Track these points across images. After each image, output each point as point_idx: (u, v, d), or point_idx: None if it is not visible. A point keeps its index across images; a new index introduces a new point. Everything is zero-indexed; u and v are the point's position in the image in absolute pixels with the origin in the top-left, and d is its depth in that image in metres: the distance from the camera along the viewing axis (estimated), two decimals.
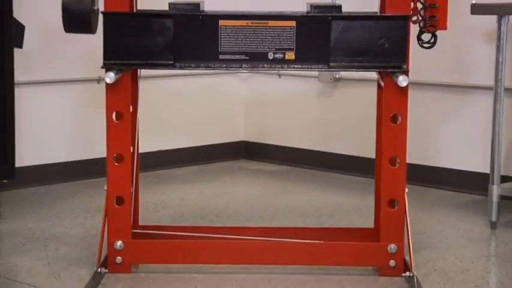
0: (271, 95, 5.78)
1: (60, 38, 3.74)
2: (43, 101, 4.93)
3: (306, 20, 3.23)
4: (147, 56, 3.22)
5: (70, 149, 5.06)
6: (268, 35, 3.23)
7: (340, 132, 5.46)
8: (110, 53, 3.20)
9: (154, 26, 3.21)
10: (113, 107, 3.23)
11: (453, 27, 3.45)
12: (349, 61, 3.24)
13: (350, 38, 3.22)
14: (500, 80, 4.10)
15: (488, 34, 4.67)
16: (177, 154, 5.57)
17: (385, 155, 3.27)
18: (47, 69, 4.92)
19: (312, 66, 3.26)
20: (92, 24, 3.19)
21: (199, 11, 3.25)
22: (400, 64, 3.20)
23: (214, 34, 3.22)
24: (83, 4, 3.15)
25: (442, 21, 3.26)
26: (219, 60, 3.23)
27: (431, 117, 5.03)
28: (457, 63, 4.92)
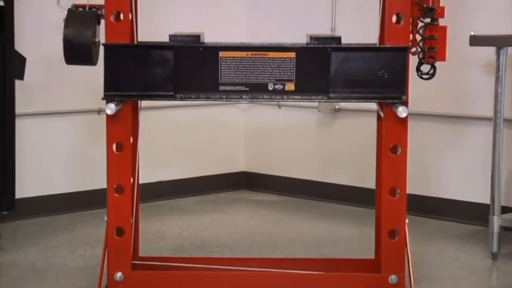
0: (271, 126, 5.79)
1: (61, 69, 3.76)
2: (44, 132, 4.94)
3: (305, 51, 3.25)
4: (147, 87, 3.23)
5: (70, 180, 5.06)
6: (268, 66, 3.24)
7: (340, 162, 5.46)
8: (111, 84, 3.21)
9: (155, 58, 3.22)
10: (114, 138, 3.24)
11: (452, 59, 3.46)
12: (349, 92, 3.25)
13: (350, 69, 3.23)
14: (500, 110, 4.11)
15: (487, 65, 4.69)
16: (177, 185, 5.57)
17: (385, 185, 3.27)
18: (47, 100, 4.94)
19: (311, 97, 3.27)
20: (93, 56, 3.21)
21: (200, 42, 3.27)
22: (399, 95, 3.21)
23: (214, 65, 3.23)
24: (84, 36, 3.17)
25: (441, 53, 3.27)
26: (219, 91, 3.25)
27: (431, 148, 5.04)
28: (456, 94, 4.94)
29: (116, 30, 3.20)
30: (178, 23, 5.13)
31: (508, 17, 4.72)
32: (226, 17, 5.70)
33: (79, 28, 3.17)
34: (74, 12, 3.23)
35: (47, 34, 4.68)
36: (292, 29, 5.44)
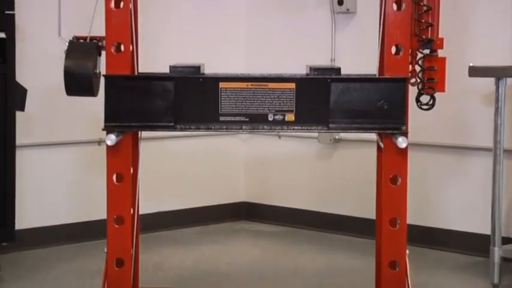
0: (271, 156, 5.80)
1: (61, 100, 3.77)
2: (44, 163, 4.94)
3: (305, 82, 3.26)
4: (148, 118, 3.24)
5: (70, 211, 5.06)
6: (268, 97, 3.25)
7: (341, 192, 5.46)
8: (111, 115, 3.22)
9: (155, 89, 3.23)
10: (114, 169, 3.24)
11: (451, 89, 3.47)
12: (349, 122, 3.25)
13: (349, 99, 3.24)
14: (499, 141, 4.11)
15: (486, 96, 4.71)
16: (177, 215, 5.56)
17: (385, 216, 3.26)
18: (48, 131, 4.95)
19: (311, 127, 3.27)
20: (94, 87, 3.22)
21: (200, 73, 3.28)
22: (399, 125, 3.21)
23: (214, 96, 3.24)
24: (85, 68, 3.18)
25: (440, 84, 3.28)
26: (220, 121, 3.25)
27: (431, 178, 5.04)
28: (456, 125, 4.94)
29: (117, 61, 3.21)
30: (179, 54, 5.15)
31: (507, 48, 4.74)
32: (226, 47, 5.72)
33: (80, 59, 3.18)
34: (75, 43, 3.24)
35: (48, 65, 4.69)
36: (292, 59, 5.45)
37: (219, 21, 5.74)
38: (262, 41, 5.78)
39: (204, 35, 5.61)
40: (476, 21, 4.85)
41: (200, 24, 5.61)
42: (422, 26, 3.25)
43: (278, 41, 5.71)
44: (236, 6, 5.82)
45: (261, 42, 5.78)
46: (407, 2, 3.21)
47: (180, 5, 5.54)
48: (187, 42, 5.49)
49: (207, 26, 5.64)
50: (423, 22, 3.25)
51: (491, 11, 4.81)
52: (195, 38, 5.55)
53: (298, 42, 5.60)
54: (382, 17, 3.24)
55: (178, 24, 5.53)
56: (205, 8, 5.64)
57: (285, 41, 5.68)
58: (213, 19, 5.69)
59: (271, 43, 5.74)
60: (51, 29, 3.37)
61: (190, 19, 5.58)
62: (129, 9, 3.21)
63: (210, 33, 5.66)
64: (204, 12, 5.64)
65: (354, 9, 5.37)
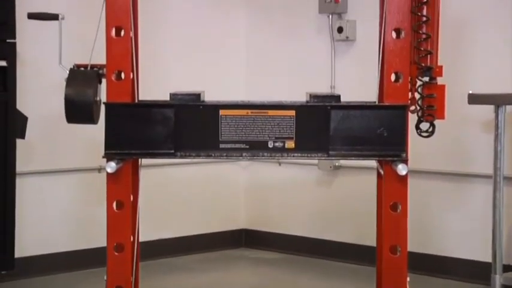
0: (271, 183, 5.79)
1: (61, 128, 3.77)
2: (44, 191, 4.94)
3: (305, 109, 3.26)
4: (148, 145, 3.24)
5: (70, 239, 5.05)
6: (268, 124, 3.26)
7: (341, 220, 5.45)
8: (112, 142, 3.22)
9: (156, 116, 3.24)
10: (114, 196, 3.24)
11: (451, 117, 3.48)
12: (349, 149, 3.25)
13: (349, 126, 3.24)
14: (499, 168, 4.12)
15: (486, 123, 4.72)
16: (177, 243, 5.55)
17: (385, 243, 3.25)
18: (48, 159, 4.95)
19: (311, 154, 3.27)
20: (94, 115, 3.22)
21: (200, 101, 3.29)
22: (399, 153, 3.22)
23: (214, 123, 3.25)
24: (86, 95, 3.19)
25: (439, 111, 3.29)
26: (220, 149, 3.25)
27: (432, 205, 5.03)
28: (456, 152, 4.95)
29: (117, 89, 3.22)
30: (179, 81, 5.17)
31: (506, 76, 4.75)
32: (226, 75, 5.75)
33: (80, 87, 3.19)
34: (76, 71, 3.25)
35: (48, 93, 4.71)
36: (292, 86, 5.48)
37: (219, 48, 5.76)
38: (262, 67, 5.80)
39: (204, 63, 5.63)
40: (475, 48, 4.87)
41: (200, 51, 5.64)
42: (422, 53, 3.27)
43: (278, 68, 5.73)
44: (236, 33, 5.84)
45: (261, 69, 5.80)
46: (406, 30, 3.22)
47: (181, 33, 5.56)
48: (188, 70, 5.51)
49: (207, 54, 5.67)
50: (422, 50, 3.26)
51: (491, 38, 4.84)
52: (195, 65, 5.57)
53: (298, 69, 5.62)
54: (382, 45, 3.25)
55: (179, 51, 5.55)
56: (205, 36, 5.66)
57: (284, 68, 5.70)
58: (213, 47, 5.72)
59: (271, 70, 5.76)
60: (52, 56, 3.38)
61: (190, 46, 5.61)
62: (129, 38, 3.23)
63: (210, 60, 5.68)
64: (204, 39, 5.66)
65: (353, 36, 5.39)
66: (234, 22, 5.83)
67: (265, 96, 3.91)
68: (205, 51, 5.66)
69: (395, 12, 3.22)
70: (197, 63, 5.59)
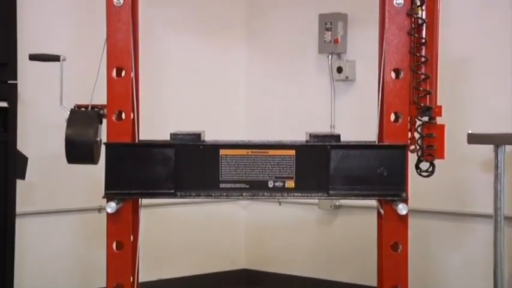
0: (272, 223, 5.78)
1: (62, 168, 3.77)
2: (44, 231, 4.93)
3: (305, 149, 3.27)
4: (148, 185, 3.24)
5: (70, 279, 5.03)
6: (268, 163, 3.26)
7: (341, 259, 5.44)
8: (112, 182, 3.22)
9: (156, 156, 3.25)
10: (114, 236, 3.23)
11: (451, 156, 3.49)
12: (349, 189, 3.26)
13: (349, 166, 3.25)
14: (500, 208, 4.11)
15: (485, 163, 4.72)
16: (177, 283, 5.52)
17: (386, 283, 3.24)
18: (48, 199, 4.95)
19: (311, 194, 3.27)
20: (95, 155, 3.23)
21: (200, 140, 3.30)
22: (399, 192, 3.22)
23: (214, 163, 3.25)
24: (86, 136, 3.20)
25: (439, 151, 3.30)
26: (220, 189, 3.26)
27: (432, 245, 5.02)
28: (456, 191, 4.95)
29: (118, 129, 3.23)
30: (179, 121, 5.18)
31: (506, 115, 4.77)
32: (226, 114, 5.76)
33: (81, 128, 3.20)
34: (77, 112, 3.26)
35: (49, 133, 4.72)
36: (292, 126, 5.49)
37: (219, 88, 5.78)
38: (262, 107, 5.82)
39: (204, 102, 5.65)
40: (474, 88, 4.89)
41: (200, 91, 5.66)
42: (421, 93, 3.28)
43: (278, 107, 5.75)
44: (236, 73, 5.87)
45: (261, 108, 5.82)
46: (405, 71, 3.24)
47: (181, 73, 5.59)
48: (188, 110, 5.53)
49: (207, 93, 5.69)
50: (421, 90, 3.28)
51: (490, 78, 4.86)
52: (196, 105, 5.59)
53: (297, 108, 5.64)
54: (381, 85, 3.27)
55: (179, 91, 5.57)
56: (205, 76, 5.69)
57: (284, 107, 5.72)
58: (213, 86, 5.74)
59: (271, 109, 5.78)
60: (53, 97, 3.40)
61: (191, 86, 5.63)
62: (130, 78, 3.25)
63: (210, 100, 5.70)
64: (204, 80, 5.69)
65: (352, 76, 5.42)
66: (234, 62, 5.86)
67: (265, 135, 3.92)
68: (205, 91, 5.68)
69: (394, 53, 3.24)
70: (197, 103, 5.61)
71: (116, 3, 3.22)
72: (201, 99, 5.65)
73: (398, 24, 3.24)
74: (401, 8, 3.24)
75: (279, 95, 5.76)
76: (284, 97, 5.73)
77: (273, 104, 5.78)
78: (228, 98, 5.85)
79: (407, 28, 3.24)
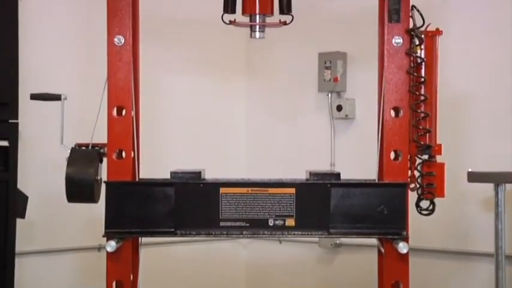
0: (272, 261, 5.76)
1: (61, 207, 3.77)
2: (44, 270, 4.91)
3: (305, 187, 3.27)
4: (148, 224, 3.24)
5: None
6: (268, 202, 3.26)
7: None
8: (112, 221, 3.22)
9: (156, 195, 3.25)
10: (114, 276, 3.22)
11: (451, 194, 3.49)
12: (349, 227, 3.25)
13: (349, 204, 3.25)
14: (501, 247, 4.09)
15: (486, 201, 4.71)
16: None
17: None
18: (48, 238, 4.93)
19: (312, 232, 3.27)
20: (95, 194, 3.23)
21: (201, 179, 3.30)
22: (399, 231, 3.21)
23: (215, 202, 3.25)
24: (87, 175, 3.20)
25: (439, 189, 3.30)
26: (220, 227, 3.25)
27: (433, 284, 4.99)
28: (456, 230, 4.93)
29: (118, 167, 3.24)
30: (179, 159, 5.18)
31: (505, 154, 4.77)
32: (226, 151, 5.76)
33: (82, 167, 3.20)
34: (77, 151, 3.27)
35: (49, 172, 4.71)
36: (292, 164, 5.48)
37: (219, 125, 5.79)
38: (262, 144, 5.82)
39: (204, 140, 5.65)
40: (474, 126, 4.90)
41: (201, 129, 5.67)
42: (420, 132, 3.29)
43: (278, 145, 5.75)
44: (237, 111, 5.88)
45: (261, 146, 5.82)
46: (405, 109, 3.26)
47: (181, 112, 5.60)
48: (188, 148, 5.53)
49: (207, 131, 5.69)
50: (421, 128, 3.29)
51: (489, 116, 4.86)
52: (196, 143, 5.59)
53: (298, 146, 5.64)
54: (381, 123, 3.28)
55: (179, 130, 5.58)
56: (206, 114, 5.70)
57: (285, 145, 5.72)
58: (214, 124, 5.75)
59: (271, 147, 5.78)
60: (54, 136, 3.41)
61: (191, 125, 5.64)
62: (131, 117, 3.26)
63: (211, 137, 5.70)
64: (205, 117, 5.70)
65: (352, 115, 5.43)
66: (235, 100, 5.88)
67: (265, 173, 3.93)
68: (205, 129, 5.69)
69: (393, 91, 3.26)
70: (198, 141, 5.61)
71: (117, 42, 3.25)
72: (201, 137, 5.66)
73: (398, 63, 3.27)
74: (400, 47, 3.26)
75: (279, 133, 5.76)
76: (284, 135, 5.74)
77: (273, 142, 5.79)
78: (228, 136, 5.85)
79: (406, 67, 3.27)
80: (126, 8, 3.25)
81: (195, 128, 5.66)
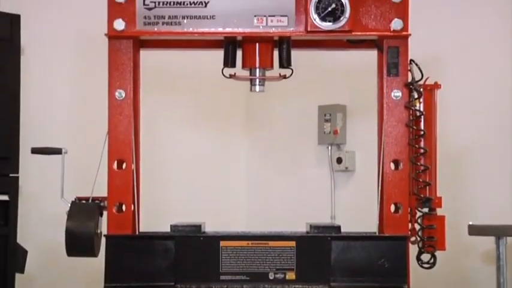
0: None
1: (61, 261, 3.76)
2: None
3: (305, 240, 3.27)
4: (148, 277, 3.22)
5: None
6: (269, 255, 3.26)
7: None
8: (112, 275, 3.20)
9: (156, 248, 3.24)
10: None
11: (452, 247, 3.48)
12: (350, 281, 3.24)
13: (350, 257, 3.24)
14: None
15: (487, 254, 4.69)
16: None
17: None
18: None
19: (312, 286, 3.25)
20: (95, 248, 3.22)
21: (201, 232, 3.30)
22: (400, 284, 3.20)
23: (215, 255, 3.24)
24: (87, 228, 3.19)
25: (440, 242, 3.29)
26: (220, 281, 3.24)
27: None
28: (458, 283, 4.90)
29: (118, 221, 3.24)
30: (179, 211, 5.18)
31: (507, 206, 4.76)
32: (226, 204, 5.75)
33: (82, 220, 3.20)
34: (77, 204, 3.27)
35: (49, 226, 4.70)
36: (292, 216, 5.47)
37: (219, 177, 5.79)
38: (262, 197, 5.81)
39: (205, 192, 5.64)
40: (474, 179, 4.90)
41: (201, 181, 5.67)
42: (420, 185, 3.29)
43: (278, 197, 5.75)
44: (237, 163, 5.89)
45: (261, 198, 5.81)
46: (404, 162, 3.27)
47: (182, 165, 5.61)
48: (188, 200, 5.52)
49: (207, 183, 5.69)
50: (421, 181, 3.29)
51: (490, 169, 4.87)
52: (196, 196, 5.59)
53: (298, 199, 5.64)
54: (381, 176, 3.29)
55: (179, 181, 5.58)
56: (206, 167, 5.71)
57: (285, 197, 5.71)
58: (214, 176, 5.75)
59: (271, 200, 5.77)
60: (54, 189, 3.41)
61: (191, 177, 5.64)
62: (131, 170, 3.27)
63: (211, 190, 5.70)
64: (205, 170, 5.70)
65: (352, 167, 5.44)
66: (235, 152, 5.89)
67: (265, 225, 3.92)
68: (205, 182, 5.69)
69: (393, 144, 3.27)
70: (198, 193, 5.61)
71: (118, 96, 3.27)
72: (201, 189, 5.65)
73: (397, 117, 3.28)
74: (399, 100, 3.28)
75: (279, 186, 5.76)
76: (284, 187, 5.74)
77: (273, 195, 5.78)
78: (228, 187, 5.85)
79: (405, 120, 3.28)
80: (127, 62, 3.28)
81: (195, 179, 5.66)
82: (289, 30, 3.29)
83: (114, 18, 3.25)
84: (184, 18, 3.27)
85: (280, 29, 3.28)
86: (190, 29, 3.28)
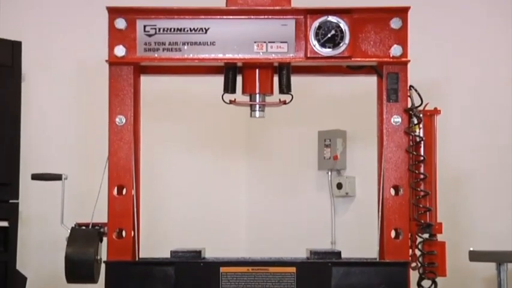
0: None
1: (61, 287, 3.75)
2: None
3: (306, 266, 3.26)
4: None
5: None
6: (269, 281, 3.25)
7: None
8: None
9: (156, 274, 3.23)
10: None
11: (453, 273, 3.47)
12: None
13: (351, 283, 3.23)
14: None
15: (488, 280, 4.68)
16: None
17: None
18: None
19: None
20: (95, 274, 3.21)
21: (201, 258, 3.29)
22: None
23: (215, 281, 3.24)
24: (87, 254, 3.19)
25: (441, 268, 3.28)
26: None
27: None
28: None
29: (118, 247, 3.23)
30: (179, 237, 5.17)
31: (507, 232, 4.75)
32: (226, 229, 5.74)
33: (81, 247, 3.19)
34: (77, 230, 3.27)
35: (49, 252, 4.69)
36: (293, 242, 5.46)
37: (219, 203, 5.79)
38: (263, 223, 5.80)
39: (204, 218, 5.64)
40: (474, 204, 4.90)
41: (201, 208, 5.66)
42: (421, 210, 3.29)
43: (278, 223, 5.73)
44: (237, 189, 5.88)
45: (261, 224, 5.80)
46: (404, 187, 3.27)
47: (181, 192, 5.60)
48: (188, 226, 5.51)
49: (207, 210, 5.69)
50: (421, 207, 3.29)
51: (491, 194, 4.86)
52: (196, 221, 5.58)
53: (298, 225, 5.63)
54: (381, 202, 3.29)
55: (179, 208, 5.57)
56: (206, 192, 5.70)
57: (285, 223, 5.70)
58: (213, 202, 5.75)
59: (271, 226, 5.76)
60: (53, 215, 3.41)
61: (191, 202, 5.64)
62: (131, 196, 3.27)
63: (211, 216, 5.69)
64: (205, 196, 5.70)
65: (352, 193, 5.44)
66: (235, 177, 5.89)
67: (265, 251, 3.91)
68: (205, 206, 5.68)
69: (393, 170, 3.28)
70: (198, 219, 5.60)
71: (118, 122, 3.28)
72: (201, 214, 5.64)
73: (397, 142, 3.29)
74: (399, 126, 3.29)
75: (280, 211, 5.75)
76: (284, 213, 5.73)
77: (274, 220, 5.77)
78: (229, 213, 5.84)
79: (405, 146, 3.29)
80: (127, 88, 3.29)
81: (195, 205, 5.65)
82: (289, 56, 3.30)
83: (114, 45, 3.27)
84: (184, 45, 3.29)
85: (280, 55, 3.30)
86: (191, 55, 3.29)
